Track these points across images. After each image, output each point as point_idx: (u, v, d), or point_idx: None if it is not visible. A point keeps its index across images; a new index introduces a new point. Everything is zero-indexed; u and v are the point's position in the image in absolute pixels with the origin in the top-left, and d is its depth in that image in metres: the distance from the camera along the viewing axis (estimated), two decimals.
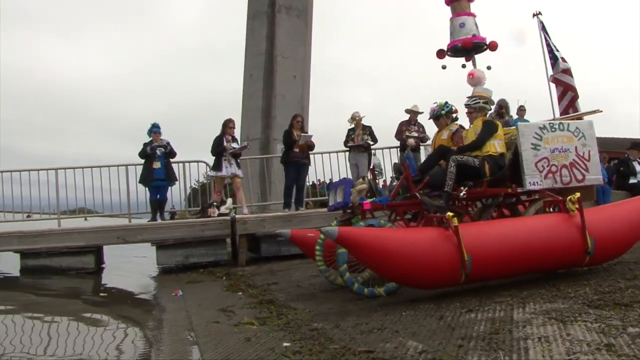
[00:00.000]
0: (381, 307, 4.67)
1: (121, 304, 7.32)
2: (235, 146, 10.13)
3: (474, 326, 3.65)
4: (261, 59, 15.54)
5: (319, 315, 4.74)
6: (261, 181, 13.21)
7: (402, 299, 4.93)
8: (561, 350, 2.89)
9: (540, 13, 9.88)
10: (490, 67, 6.91)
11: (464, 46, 6.92)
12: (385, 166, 10.17)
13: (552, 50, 9.78)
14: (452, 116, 6.50)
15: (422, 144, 10.98)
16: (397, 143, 11.02)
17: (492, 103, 6.11)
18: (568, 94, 9.72)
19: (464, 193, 5.48)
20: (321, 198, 12.47)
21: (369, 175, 6.68)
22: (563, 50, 9.77)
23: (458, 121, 6.69)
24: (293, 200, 10.44)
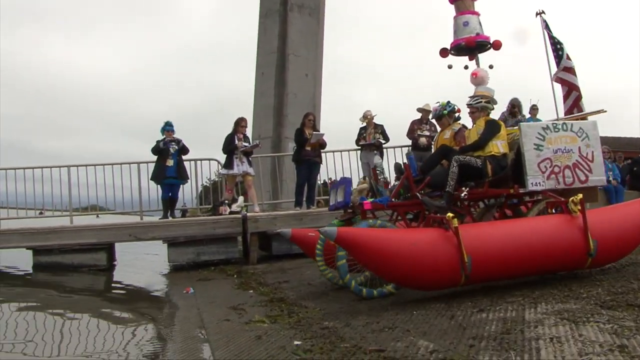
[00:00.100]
0: (392, 306, 4.66)
1: (133, 301, 7.37)
2: (246, 144, 10.14)
3: (486, 326, 3.65)
4: (273, 57, 15.55)
5: (329, 313, 4.75)
6: (272, 179, 13.22)
7: (413, 298, 4.91)
8: (573, 351, 2.88)
9: (543, 12, 9.82)
10: (493, 66, 6.89)
11: (467, 45, 6.89)
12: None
13: (557, 49, 9.71)
14: (454, 115, 6.47)
15: (434, 143, 10.93)
16: (409, 142, 10.99)
17: (494, 102, 6.06)
18: (573, 93, 9.65)
19: (465, 193, 5.45)
20: None
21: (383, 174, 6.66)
22: (571, 50, 9.68)
23: (461, 120, 6.67)
24: (304, 199, 10.46)
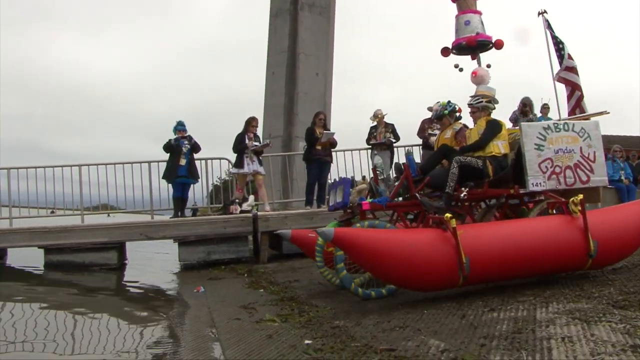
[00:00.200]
0: (403, 306, 4.66)
1: (145, 300, 7.39)
2: (256, 144, 10.15)
3: (497, 325, 3.63)
4: (283, 56, 15.58)
5: (340, 312, 4.75)
6: (283, 178, 13.24)
7: (424, 297, 4.91)
8: (585, 351, 2.86)
9: (545, 11, 9.77)
10: (490, 65, 6.86)
11: (468, 44, 6.87)
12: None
13: (559, 49, 9.66)
14: (455, 115, 6.44)
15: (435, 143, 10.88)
16: (419, 141, 10.96)
17: (495, 102, 6.02)
18: (575, 93, 9.61)
19: (464, 194, 5.42)
20: None
21: (391, 173, 6.64)
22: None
23: (462, 120, 6.65)
24: (315, 198, 10.45)
